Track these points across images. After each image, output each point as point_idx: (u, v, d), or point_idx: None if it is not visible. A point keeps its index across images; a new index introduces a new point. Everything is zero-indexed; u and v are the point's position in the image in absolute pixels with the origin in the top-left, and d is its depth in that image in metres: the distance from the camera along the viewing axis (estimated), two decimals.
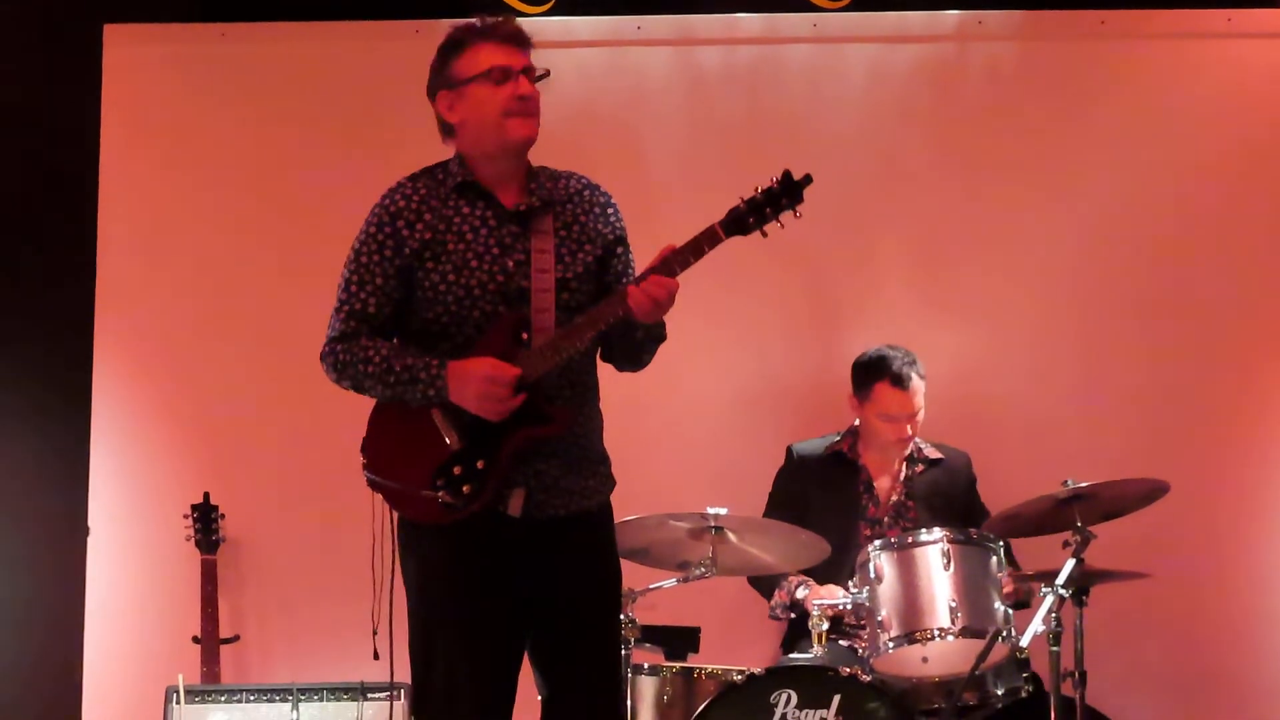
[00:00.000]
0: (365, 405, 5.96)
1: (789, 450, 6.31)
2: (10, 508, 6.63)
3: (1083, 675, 5.52)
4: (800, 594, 5.91)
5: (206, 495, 6.55)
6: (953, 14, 6.74)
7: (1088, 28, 6.70)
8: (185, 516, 6.54)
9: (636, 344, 4.40)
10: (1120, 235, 6.66)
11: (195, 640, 6.40)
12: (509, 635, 4.32)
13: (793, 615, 5.97)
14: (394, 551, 4.38)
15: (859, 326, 6.59)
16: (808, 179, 4.33)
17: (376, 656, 4.54)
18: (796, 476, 6.25)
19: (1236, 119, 6.66)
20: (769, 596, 6.06)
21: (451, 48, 4.37)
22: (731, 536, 5.54)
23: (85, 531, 6.64)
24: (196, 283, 6.74)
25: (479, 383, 4.21)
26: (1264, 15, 6.67)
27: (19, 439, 6.64)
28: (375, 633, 4.50)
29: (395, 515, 4.39)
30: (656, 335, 4.40)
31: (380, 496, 4.39)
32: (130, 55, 6.77)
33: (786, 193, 4.32)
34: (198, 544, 6.51)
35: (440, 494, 4.25)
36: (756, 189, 4.31)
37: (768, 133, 6.74)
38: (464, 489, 4.25)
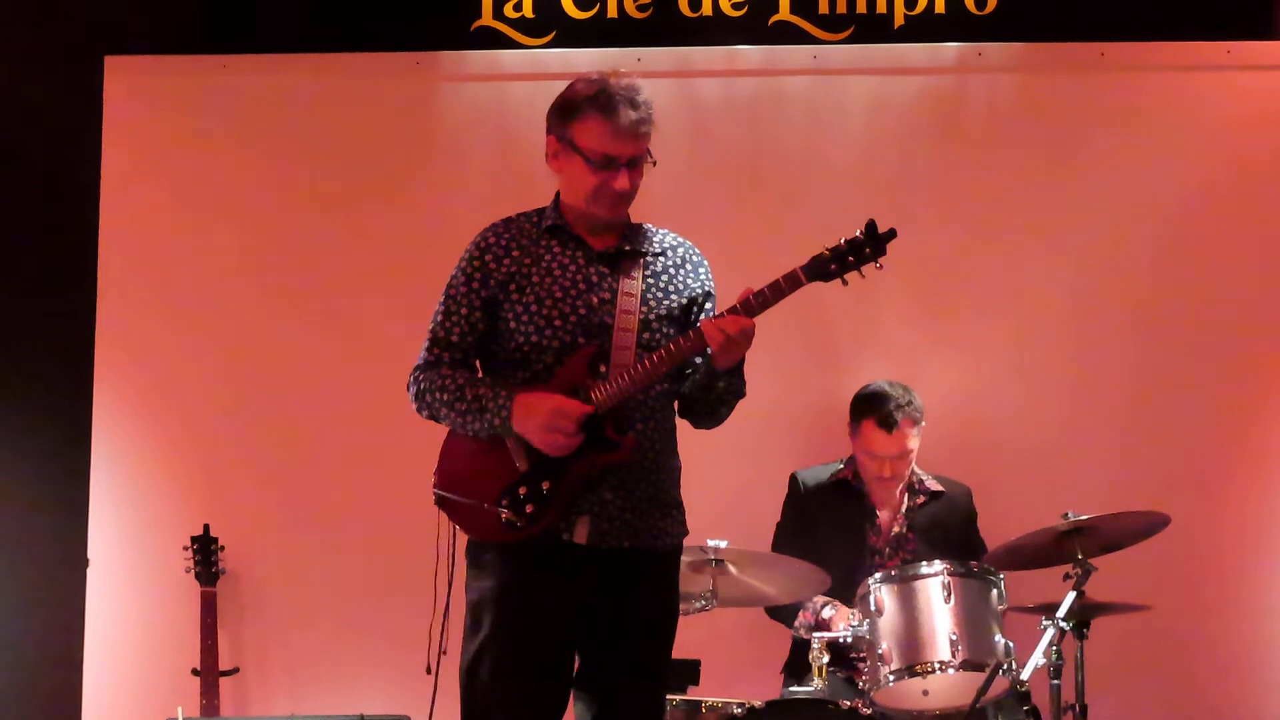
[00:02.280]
0: (368, 441, 5.99)
1: (794, 478, 6.30)
2: (10, 540, 6.62)
3: (1084, 708, 5.52)
4: (826, 614, 5.90)
5: (206, 527, 6.54)
6: (952, 46, 6.75)
7: (1087, 60, 6.71)
8: (185, 549, 6.53)
9: (716, 396, 4.49)
10: (1119, 267, 6.67)
11: (195, 673, 6.39)
12: (561, 657, 4.38)
13: (817, 635, 5.94)
14: (450, 574, 4.42)
15: (857, 358, 6.59)
16: (892, 233, 4.38)
17: (430, 671, 4.56)
18: (804, 505, 6.25)
19: (1236, 151, 6.67)
20: (789, 621, 6.04)
21: (571, 108, 4.40)
22: (732, 569, 5.53)
23: (85, 563, 6.63)
24: (197, 315, 6.74)
25: (546, 414, 4.28)
26: (1263, 47, 6.68)
27: (19, 471, 6.63)
28: (444, 651, 4.51)
29: (457, 534, 4.43)
30: (736, 389, 4.50)
31: (444, 517, 4.44)
32: (131, 87, 6.77)
33: (871, 243, 4.37)
34: (197, 576, 6.50)
35: (503, 511, 4.30)
36: (841, 239, 4.36)
37: (768, 164, 6.75)
38: (527, 509, 4.31)
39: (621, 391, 4.31)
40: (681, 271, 4.51)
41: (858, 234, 4.37)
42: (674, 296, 4.47)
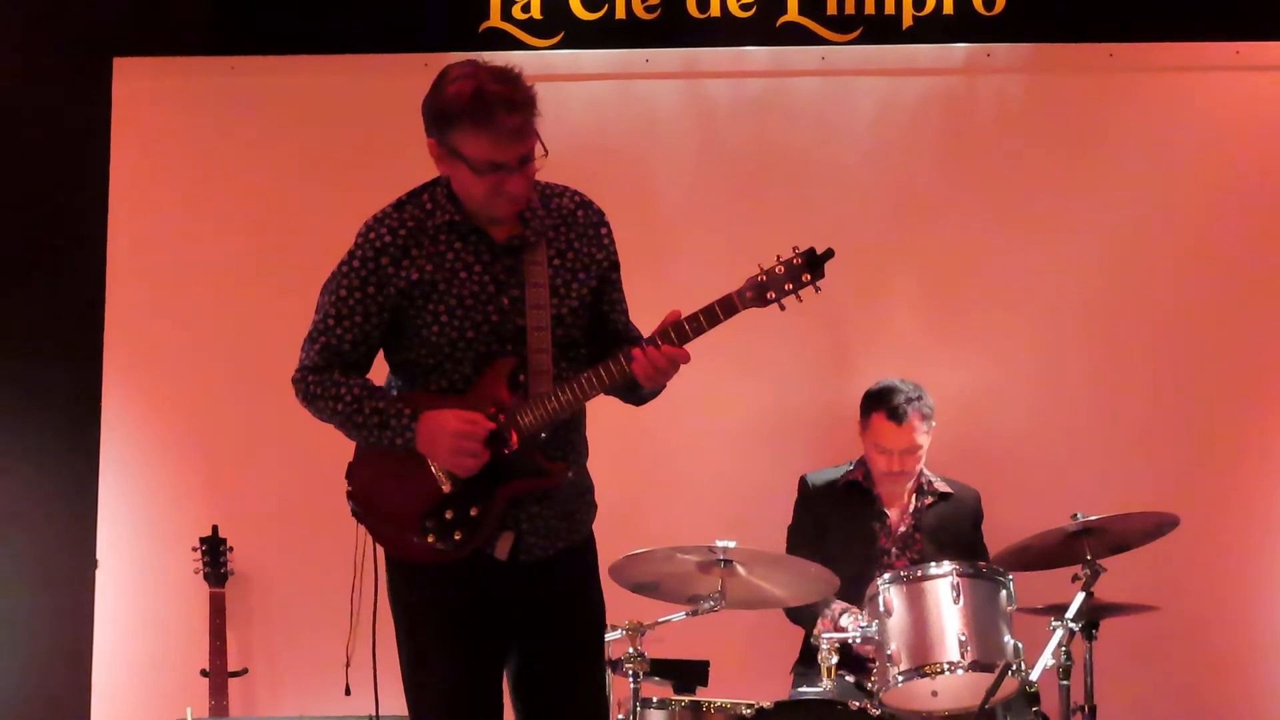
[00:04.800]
0: None
1: (803, 480, 6.30)
2: (19, 541, 6.64)
3: (1092, 709, 5.52)
4: (845, 622, 5.89)
5: (215, 528, 6.55)
6: (961, 47, 6.75)
7: (1096, 61, 6.70)
8: (194, 550, 6.54)
9: (639, 398, 4.35)
10: (1129, 268, 6.67)
11: (204, 673, 6.40)
12: (495, 668, 4.30)
13: (827, 635, 5.92)
14: (375, 583, 4.35)
15: (867, 359, 6.59)
16: (829, 253, 4.21)
17: (348, 692, 4.54)
18: (814, 507, 6.25)
19: (1245, 151, 6.67)
20: (809, 626, 6.04)
21: (447, 119, 4.13)
22: (741, 570, 5.53)
23: (94, 565, 6.64)
24: (205, 316, 6.75)
25: (449, 438, 4.14)
26: (1272, 48, 6.68)
27: (28, 472, 6.64)
28: (348, 664, 4.50)
29: (380, 549, 4.35)
30: (657, 394, 4.34)
31: (364, 529, 4.36)
32: (140, 89, 6.78)
33: (809, 268, 4.21)
34: (206, 577, 6.51)
35: (429, 537, 4.21)
36: (778, 259, 4.22)
37: (776, 165, 6.75)
38: (455, 535, 4.20)
39: (544, 420, 4.18)
40: (584, 242, 4.30)
41: (794, 258, 4.21)
42: (581, 276, 4.28)
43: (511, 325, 4.21)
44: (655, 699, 5.59)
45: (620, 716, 5.48)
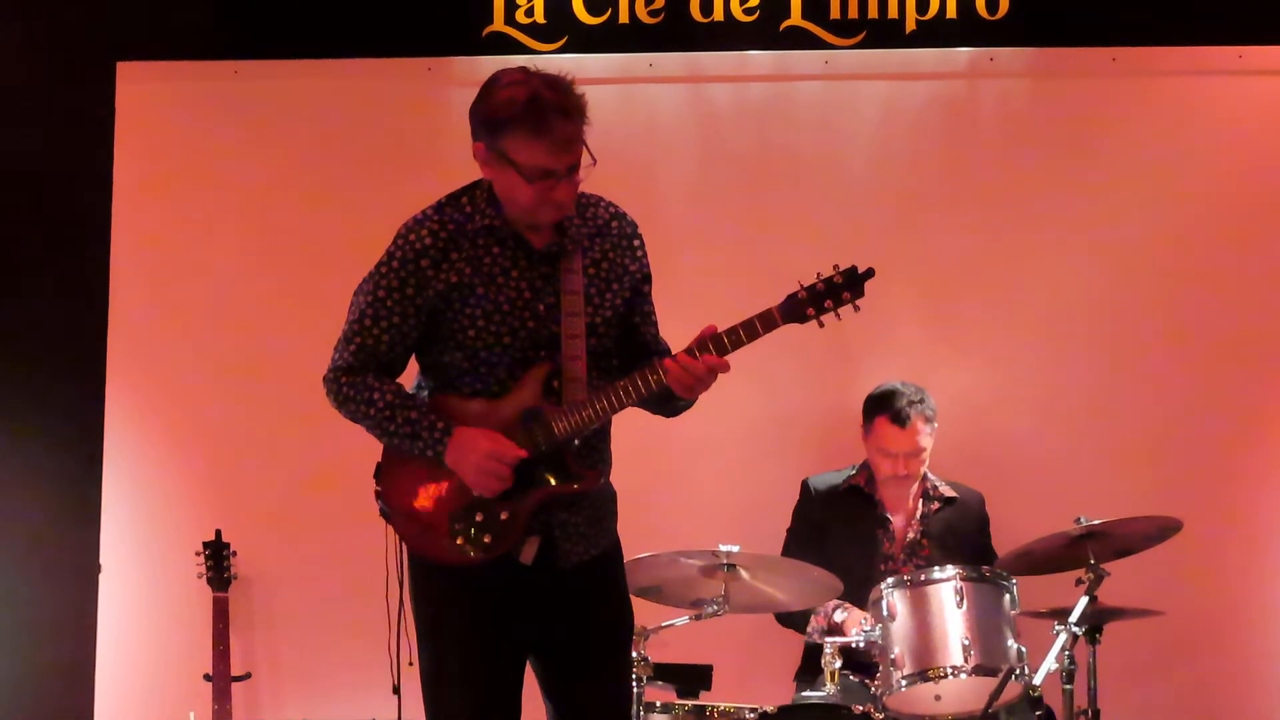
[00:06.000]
0: (381, 445, 5.95)
1: (805, 484, 6.31)
2: (22, 545, 6.64)
3: (1096, 714, 5.52)
4: (839, 617, 5.90)
5: (218, 532, 6.55)
6: (964, 51, 6.75)
7: (1099, 65, 6.70)
8: (197, 554, 6.55)
9: (673, 410, 4.38)
10: (1132, 272, 6.66)
11: (207, 678, 6.40)
12: (516, 672, 4.31)
13: (830, 640, 5.92)
14: (401, 584, 4.35)
15: (870, 363, 6.58)
16: (870, 272, 4.25)
17: (397, 690, 4.54)
18: (815, 510, 6.25)
19: (1248, 156, 6.66)
20: (801, 627, 6.04)
21: (499, 124, 4.14)
22: (744, 574, 5.53)
23: (97, 569, 6.64)
24: (209, 320, 6.75)
25: (480, 456, 4.16)
26: (1275, 52, 6.67)
27: (31, 477, 6.64)
28: (411, 663, 4.50)
29: (405, 548, 4.35)
30: (690, 402, 4.35)
31: (392, 529, 4.35)
32: (143, 93, 6.79)
33: (849, 286, 4.24)
34: (209, 581, 6.51)
35: (458, 539, 4.21)
36: (818, 276, 4.23)
37: (779, 170, 6.75)
38: (485, 539, 4.21)
39: (576, 428, 4.19)
40: (618, 252, 4.33)
41: (834, 276, 4.23)
42: (615, 286, 4.31)
43: (547, 332, 4.23)
44: (659, 703, 5.58)
45: None
